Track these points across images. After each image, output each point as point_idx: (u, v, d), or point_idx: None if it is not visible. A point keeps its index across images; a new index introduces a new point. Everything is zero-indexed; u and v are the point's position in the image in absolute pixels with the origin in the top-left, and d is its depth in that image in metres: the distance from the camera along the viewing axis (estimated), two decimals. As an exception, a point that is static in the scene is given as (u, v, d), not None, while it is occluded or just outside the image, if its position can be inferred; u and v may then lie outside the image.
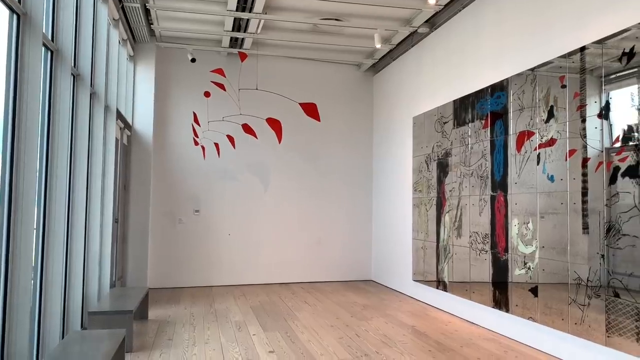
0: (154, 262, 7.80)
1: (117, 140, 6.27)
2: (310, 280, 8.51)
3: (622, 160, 3.71)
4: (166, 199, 8.01)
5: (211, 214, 8.19)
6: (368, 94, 9.12)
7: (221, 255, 8.19)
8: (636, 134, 3.61)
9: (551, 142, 4.47)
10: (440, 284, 6.32)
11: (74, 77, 4.59)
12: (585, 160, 4.07)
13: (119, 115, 6.43)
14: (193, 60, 7.75)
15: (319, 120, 6.90)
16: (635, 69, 3.65)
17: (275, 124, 6.73)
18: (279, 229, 8.46)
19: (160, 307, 6.39)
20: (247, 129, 6.65)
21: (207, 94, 7.09)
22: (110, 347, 3.40)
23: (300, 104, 6.52)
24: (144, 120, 7.79)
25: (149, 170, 7.75)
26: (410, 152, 7.39)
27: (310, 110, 7.21)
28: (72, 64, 4.42)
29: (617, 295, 3.71)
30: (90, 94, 4.99)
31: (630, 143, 3.65)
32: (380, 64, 8.62)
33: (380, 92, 8.79)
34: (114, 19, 6.23)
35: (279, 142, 6.52)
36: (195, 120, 7.48)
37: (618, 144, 3.77)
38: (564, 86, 4.36)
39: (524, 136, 4.84)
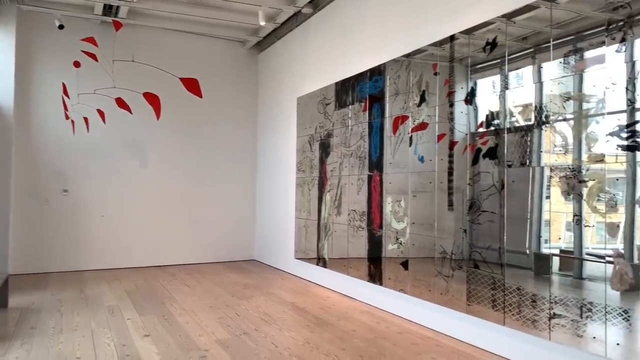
0: (16, 246, 7.11)
1: (-32, 110, 5.59)
2: (191, 262, 8.31)
3: (484, 143, 4.03)
4: (31, 178, 7.33)
5: (82, 193, 7.65)
6: (253, 72, 9.01)
7: (93, 238, 7.70)
8: (496, 120, 3.93)
9: (423, 126, 4.74)
10: (321, 261, 6.50)
11: None
12: (452, 143, 4.38)
13: (-29, 83, 5.73)
14: (61, 26, 7.10)
15: (200, 96, 6.68)
16: (498, 60, 3.97)
17: (153, 99, 6.42)
18: (158, 209, 8.13)
19: (23, 294, 5.87)
20: (121, 103, 6.25)
21: (76, 64, 6.55)
22: (-42, 339, 3.06)
23: (180, 78, 6.28)
24: (2, 90, 7.00)
25: (9, 145, 7.00)
26: (294, 132, 7.45)
27: (192, 85, 6.96)
28: None
29: (476, 267, 4.06)
30: None
31: (492, 127, 3.98)
32: (265, 42, 8.54)
33: (266, 71, 8.73)
34: (-37, -27, 5.50)
35: (158, 118, 6.22)
36: (65, 92, 6.89)
37: (481, 129, 4.09)
38: (436, 73, 4.62)
39: (399, 119, 5.08)
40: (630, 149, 2.93)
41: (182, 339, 4.17)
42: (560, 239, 3.46)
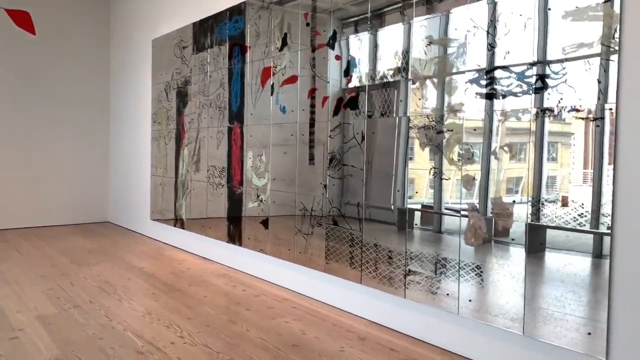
0: None
1: None
2: (32, 225, 7.29)
3: (348, 93, 3.74)
4: None
5: None
6: (103, 9, 7.90)
7: None
8: (358, 68, 3.63)
9: (286, 75, 4.34)
10: (178, 222, 5.96)
11: None
12: (314, 92, 4.04)
13: None
14: None
15: (33, 33, 5.75)
16: (367, 15, 3.63)
17: (-33, 32, 5.34)
18: (-13, 165, 6.95)
19: None
20: None
21: None
22: None
23: (7, 10, 5.30)
24: None
25: None
26: (149, 79, 6.68)
27: (22, 20, 5.93)
28: None
29: (335, 224, 3.82)
30: None
31: (354, 77, 3.68)
32: (117, -24, 7.51)
33: (118, 9, 7.71)
34: None
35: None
36: None
37: (347, 82, 3.78)
38: (307, 24, 4.18)
39: (260, 65, 4.63)
40: (488, 97, 2.77)
41: (-6, 318, 3.48)
42: (423, 192, 3.30)
